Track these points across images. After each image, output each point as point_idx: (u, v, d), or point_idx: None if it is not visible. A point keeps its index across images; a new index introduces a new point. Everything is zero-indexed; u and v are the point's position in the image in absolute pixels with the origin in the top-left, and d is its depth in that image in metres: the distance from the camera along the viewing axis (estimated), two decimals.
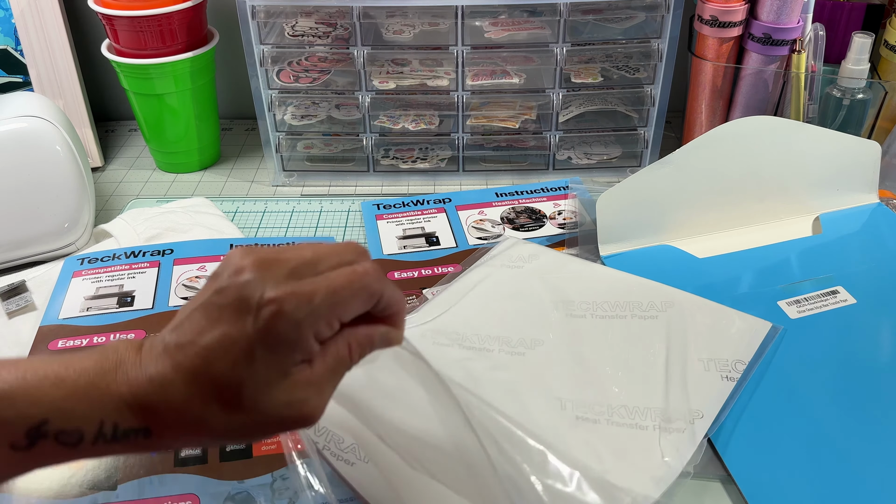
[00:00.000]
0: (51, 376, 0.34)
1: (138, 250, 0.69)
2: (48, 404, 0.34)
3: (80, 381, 0.34)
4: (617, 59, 0.80)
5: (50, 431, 0.34)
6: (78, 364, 0.35)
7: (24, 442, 0.34)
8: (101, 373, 0.35)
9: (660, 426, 0.51)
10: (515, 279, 0.64)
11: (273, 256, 0.37)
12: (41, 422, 0.34)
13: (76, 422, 0.34)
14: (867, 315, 0.62)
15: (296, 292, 0.35)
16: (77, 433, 0.34)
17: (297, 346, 0.35)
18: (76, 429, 0.34)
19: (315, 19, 0.78)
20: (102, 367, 0.35)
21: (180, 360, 0.35)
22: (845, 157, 0.72)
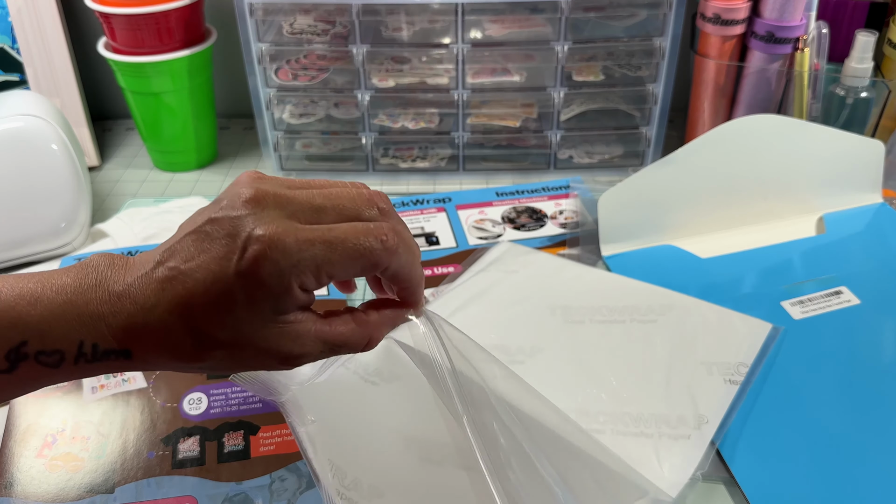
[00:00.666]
0: (26, 295, 0.33)
1: (135, 250, 0.68)
2: (24, 325, 0.33)
3: (58, 300, 0.33)
4: (619, 57, 0.79)
5: (30, 353, 0.33)
6: (56, 281, 0.34)
7: (6, 364, 0.33)
8: (79, 290, 0.34)
9: (665, 433, 0.50)
10: (511, 285, 0.63)
11: (279, 192, 0.35)
12: (20, 343, 0.33)
13: (55, 342, 0.33)
14: (871, 315, 0.61)
15: (285, 237, 0.33)
16: (57, 354, 0.33)
17: (278, 296, 0.34)
18: (56, 349, 0.33)
19: (314, 17, 0.78)
20: (81, 285, 0.34)
21: (164, 287, 0.34)
22: (849, 156, 0.72)
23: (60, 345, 0.33)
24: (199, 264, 0.33)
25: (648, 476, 0.47)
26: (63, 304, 0.33)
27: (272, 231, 0.33)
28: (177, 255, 0.34)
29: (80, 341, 0.33)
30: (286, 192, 0.35)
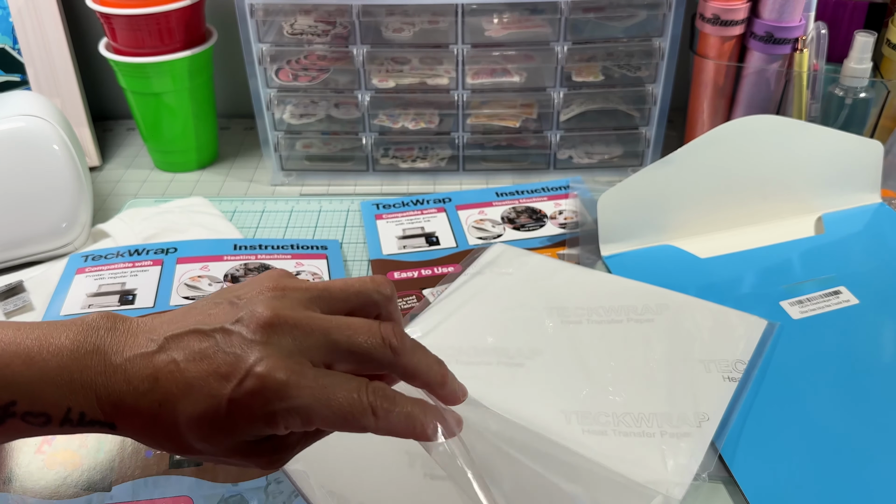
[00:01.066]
0: (23, 354, 0.34)
1: (142, 248, 0.69)
2: (16, 386, 0.33)
3: (52, 363, 0.34)
4: (618, 58, 0.79)
5: (18, 412, 0.33)
6: (54, 341, 0.34)
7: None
8: (76, 355, 0.34)
9: (667, 432, 0.50)
10: (507, 287, 0.64)
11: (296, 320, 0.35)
12: (9, 403, 0.33)
13: (44, 406, 0.33)
14: (870, 315, 0.61)
15: (287, 382, 0.33)
16: (44, 416, 0.34)
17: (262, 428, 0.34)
18: (43, 412, 0.34)
19: (314, 17, 0.78)
20: (79, 349, 0.34)
21: (159, 378, 0.34)
22: (848, 156, 0.72)
23: (48, 409, 0.34)
24: (198, 372, 0.34)
25: (654, 476, 0.48)
26: (57, 367, 0.34)
27: (275, 372, 0.33)
28: (180, 349, 0.34)
29: (68, 407, 0.34)
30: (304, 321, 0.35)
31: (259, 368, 0.33)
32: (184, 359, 0.34)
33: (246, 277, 0.66)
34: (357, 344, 0.35)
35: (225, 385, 0.33)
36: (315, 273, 0.67)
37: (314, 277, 0.66)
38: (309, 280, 0.38)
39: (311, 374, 0.34)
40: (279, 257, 0.68)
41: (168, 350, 0.34)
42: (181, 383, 0.34)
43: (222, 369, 0.34)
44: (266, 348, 0.34)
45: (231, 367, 0.33)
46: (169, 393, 0.34)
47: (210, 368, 0.34)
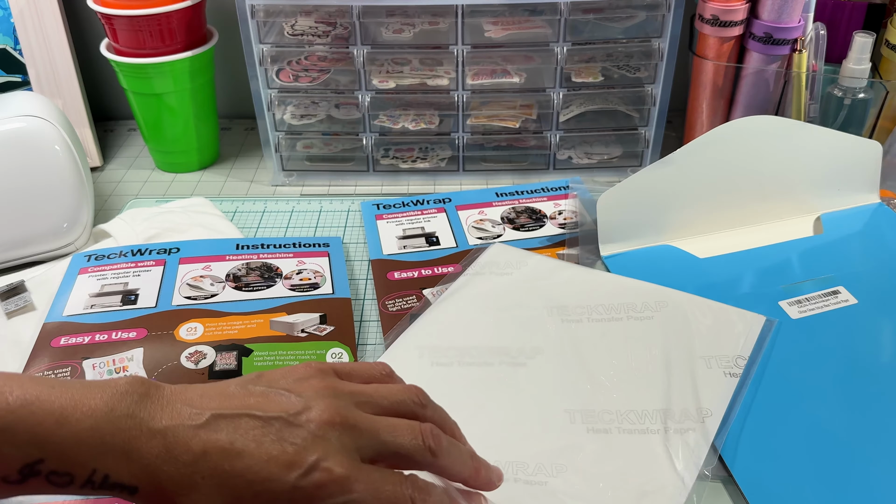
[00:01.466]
0: (56, 413, 0.34)
1: (144, 248, 0.69)
2: (47, 445, 0.34)
3: (84, 424, 0.34)
4: (618, 59, 0.80)
5: (43, 471, 0.34)
6: (87, 403, 0.35)
7: (17, 477, 0.34)
8: (109, 418, 0.35)
9: (671, 428, 0.51)
10: (507, 287, 0.64)
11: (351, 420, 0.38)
12: (37, 461, 0.34)
13: (70, 466, 0.34)
14: (869, 315, 0.61)
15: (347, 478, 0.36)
16: (67, 476, 0.34)
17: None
18: (67, 472, 0.34)
19: (314, 18, 0.78)
20: (111, 412, 0.35)
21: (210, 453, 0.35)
22: (846, 156, 0.72)
23: (74, 469, 0.34)
24: (259, 456, 0.35)
25: (661, 472, 0.48)
26: (89, 429, 0.34)
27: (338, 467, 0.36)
28: (233, 429, 0.36)
29: (93, 469, 0.34)
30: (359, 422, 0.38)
31: (325, 463, 0.36)
32: (240, 439, 0.36)
33: (248, 277, 0.66)
34: (401, 445, 0.39)
35: (289, 473, 0.35)
36: (317, 271, 0.67)
37: (316, 275, 0.66)
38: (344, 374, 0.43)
39: (364, 470, 0.37)
40: (281, 256, 0.69)
41: (218, 428, 0.36)
42: (237, 464, 0.35)
43: (285, 458, 0.36)
44: (329, 445, 0.37)
45: (296, 457, 0.36)
46: (218, 469, 0.35)
47: (271, 455, 0.35)
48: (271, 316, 0.62)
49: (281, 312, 0.62)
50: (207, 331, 0.60)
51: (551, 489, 0.47)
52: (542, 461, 0.49)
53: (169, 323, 0.61)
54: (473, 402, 0.53)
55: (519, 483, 0.47)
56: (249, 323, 0.61)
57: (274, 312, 0.62)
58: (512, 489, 0.47)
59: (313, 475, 0.36)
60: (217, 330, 0.60)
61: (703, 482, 0.48)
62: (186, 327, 0.61)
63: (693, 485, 0.47)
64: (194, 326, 0.61)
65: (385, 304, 0.64)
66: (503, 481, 0.45)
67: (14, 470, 0.34)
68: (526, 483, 0.47)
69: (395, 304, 0.64)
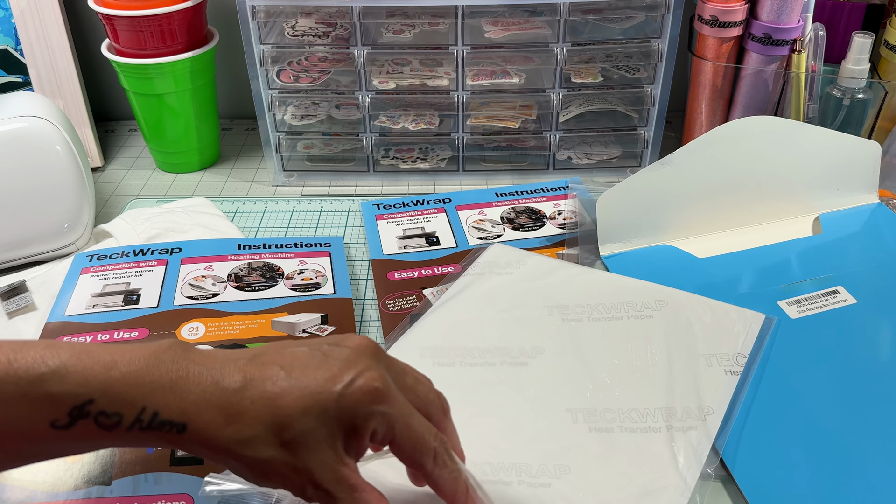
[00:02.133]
0: (105, 360, 0.35)
1: (147, 248, 0.69)
2: (97, 385, 0.34)
3: (134, 366, 0.35)
4: (617, 59, 0.80)
5: (92, 411, 0.34)
6: (131, 353, 0.36)
7: (66, 420, 0.34)
8: (156, 362, 0.36)
9: (673, 426, 0.51)
10: (507, 287, 0.64)
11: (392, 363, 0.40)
12: (87, 401, 0.34)
13: (119, 405, 0.35)
14: (867, 315, 0.62)
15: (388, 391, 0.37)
16: (117, 416, 0.35)
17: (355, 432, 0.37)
18: (116, 412, 0.35)
19: (315, 19, 0.78)
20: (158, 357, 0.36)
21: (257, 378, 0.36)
22: (845, 156, 0.72)
23: (123, 408, 0.35)
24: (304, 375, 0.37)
25: (664, 471, 0.48)
26: (138, 370, 0.35)
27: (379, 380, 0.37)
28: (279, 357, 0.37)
29: (142, 407, 0.35)
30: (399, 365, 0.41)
31: (368, 373, 0.37)
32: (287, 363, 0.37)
33: (250, 277, 0.66)
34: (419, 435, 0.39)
35: (335, 384, 0.37)
36: (319, 270, 0.67)
37: (318, 275, 0.67)
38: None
39: (401, 397, 0.38)
40: (283, 256, 0.69)
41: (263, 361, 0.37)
42: (284, 384, 0.36)
43: (330, 372, 0.37)
44: (370, 361, 0.38)
45: (339, 370, 0.37)
46: (266, 391, 0.36)
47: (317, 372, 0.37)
48: (273, 316, 0.62)
49: (282, 312, 0.63)
50: (209, 331, 0.60)
51: (555, 492, 0.47)
52: (546, 462, 0.49)
53: (171, 323, 0.61)
54: (476, 402, 0.54)
55: (523, 486, 0.47)
56: (251, 323, 0.61)
57: (275, 312, 0.63)
58: (517, 492, 0.47)
59: (357, 382, 0.37)
60: (219, 330, 0.61)
61: (706, 481, 0.48)
62: (188, 327, 0.61)
63: (696, 484, 0.48)
64: (196, 326, 0.61)
65: (385, 303, 0.65)
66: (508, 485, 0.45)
67: (64, 412, 0.34)
68: (530, 486, 0.47)
69: (395, 303, 0.65)
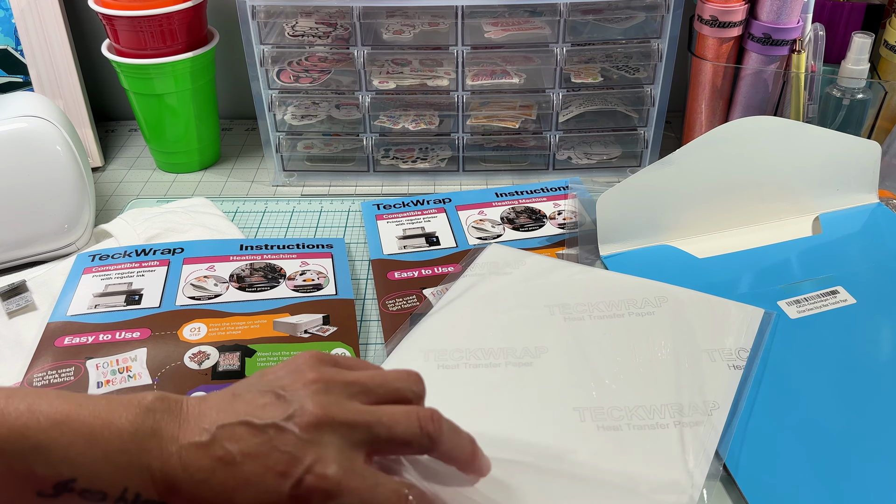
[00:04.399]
0: (86, 434, 0.36)
1: (149, 248, 0.69)
2: (79, 465, 0.35)
3: (114, 444, 0.36)
4: (617, 59, 0.80)
5: (76, 488, 0.35)
6: (114, 422, 0.36)
7: (51, 492, 0.35)
8: (135, 437, 0.36)
9: (680, 422, 0.51)
10: (507, 287, 0.64)
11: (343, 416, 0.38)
12: (69, 479, 0.35)
13: (102, 484, 0.35)
14: (867, 315, 0.62)
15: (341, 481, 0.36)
16: (101, 494, 0.36)
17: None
18: (100, 490, 0.35)
19: (315, 19, 0.78)
20: (138, 431, 0.36)
21: (216, 469, 0.36)
22: (845, 157, 0.73)
23: (106, 487, 0.35)
24: (255, 468, 0.36)
25: (674, 468, 0.48)
26: (118, 449, 0.36)
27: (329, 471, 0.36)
28: (233, 441, 0.37)
29: (124, 487, 0.36)
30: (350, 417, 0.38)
31: (317, 468, 0.36)
32: (239, 452, 0.36)
33: (251, 277, 0.66)
34: (397, 435, 0.39)
35: (283, 483, 0.36)
36: (321, 272, 0.67)
37: (319, 277, 0.67)
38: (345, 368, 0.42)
39: (360, 473, 0.37)
40: (285, 257, 0.69)
41: (221, 441, 0.37)
42: (238, 477, 0.36)
43: (279, 467, 0.36)
44: (319, 448, 0.37)
45: (288, 465, 0.36)
46: (226, 485, 0.36)
47: (266, 466, 0.36)
48: (275, 316, 0.62)
49: (284, 313, 0.63)
50: (211, 331, 0.61)
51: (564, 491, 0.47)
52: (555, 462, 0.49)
53: (172, 323, 0.61)
54: (482, 403, 0.54)
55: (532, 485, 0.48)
56: (253, 323, 0.61)
57: (277, 313, 0.63)
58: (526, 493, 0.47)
59: (305, 482, 0.36)
60: (220, 330, 0.61)
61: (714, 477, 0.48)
62: (190, 327, 0.61)
63: (705, 480, 0.48)
64: (198, 327, 0.61)
65: (385, 303, 0.65)
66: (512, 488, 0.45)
67: (48, 486, 0.35)
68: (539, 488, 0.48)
69: (395, 303, 0.65)
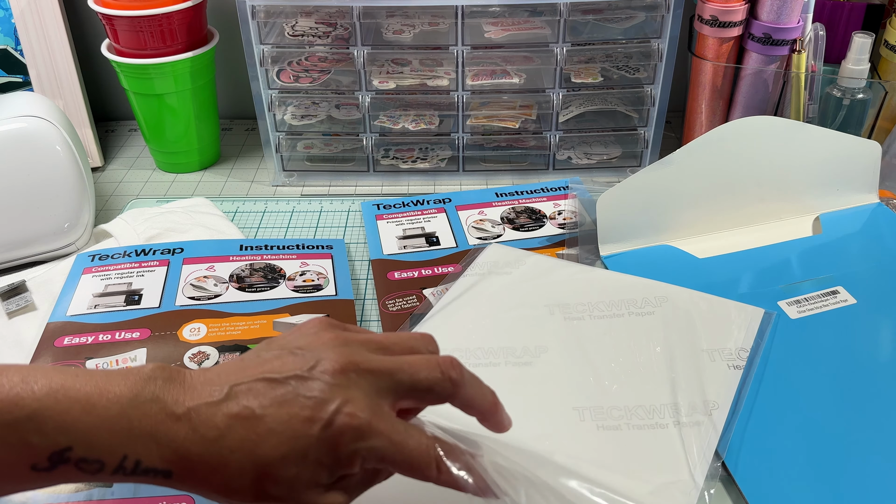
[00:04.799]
0: (82, 400, 0.34)
1: (148, 248, 0.69)
2: (75, 432, 0.34)
3: (112, 410, 0.34)
4: (617, 59, 0.80)
5: (72, 458, 0.34)
6: (112, 389, 0.35)
7: (46, 464, 0.34)
8: (134, 403, 0.35)
9: (680, 422, 0.51)
10: (507, 287, 0.64)
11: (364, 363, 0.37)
12: (65, 448, 0.34)
13: (99, 453, 0.34)
14: (867, 315, 0.62)
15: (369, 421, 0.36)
16: (98, 463, 0.34)
17: (342, 468, 0.36)
18: (98, 459, 0.34)
19: (315, 19, 0.78)
20: (137, 397, 0.35)
21: (234, 424, 0.35)
22: (845, 157, 0.72)
23: (103, 455, 0.34)
24: (280, 416, 0.35)
25: (674, 467, 0.48)
26: (116, 415, 0.34)
27: (360, 412, 0.36)
28: (252, 396, 0.35)
29: (123, 455, 0.34)
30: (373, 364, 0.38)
31: (346, 409, 0.36)
32: (259, 405, 0.35)
33: (251, 278, 0.66)
34: (420, 380, 0.38)
35: (311, 426, 0.35)
36: (320, 272, 0.67)
37: (319, 277, 0.67)
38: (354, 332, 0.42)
39: (388, 418, 0.37)
40: (285, 257, 0.69)
41: (237, 398, 0.35)
42: (260, 428, 0.35)
43: (306, 413, 0.35)
44: (347, 391, 0.36)
45: (315, 409, 0.35)
46: (245, 439, 0.35)
47: (292, 412, 0.35)
48: (274, 317, 0.62)
49: (284, 314, 0.63)
50: (211, 331, 0.61)
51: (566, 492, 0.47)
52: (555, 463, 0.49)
53: (172, 323, 0.61)
54: None
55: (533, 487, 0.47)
56: (252, 324, 0.61)
57: (277, 313, 0.63)
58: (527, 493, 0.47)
59: (336, 422, 0.35)
60: (220, 331, 0.61)
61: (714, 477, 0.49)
62: (190, 328, 0.61)
63: (705, 479, 0.48)
64: (198, 327, 0.61)
65: (385, 303, 0.65)
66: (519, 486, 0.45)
67: (43, 457, 0.34)
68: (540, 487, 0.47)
69: (395, 303, 0.65)
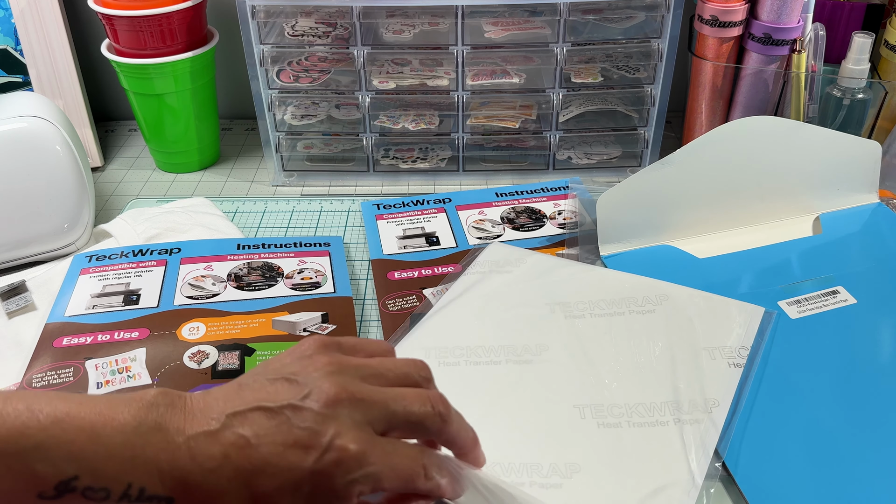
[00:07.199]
0: (87, 429, 0.35)
1: (146, 248, 0.69)
2: (81, 461, 0.34)
3: (116, 439, 0.35)
4: (617, 59, 0.80)
5: (78, 487, 0.34)
6: (116, 417, 0.35)
7: (52, 493, 0.34)
8: (138, 431, 0.35)
9: (680, 419, 0.51)
10: (508, 286, 0.64)
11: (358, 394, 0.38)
12: (72, 477, 0.34)
13: (105, 481, 0.34)
14: (867, 315, 0.62)
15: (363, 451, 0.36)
16: (104, 491, 0.34)
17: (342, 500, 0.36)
18: (103, 487, 0.34)
19: (315, 19, 0.78)
20: (141, 425, 0.35)
21: (230, 454, 0.35)
22: (845, 156, 0.72)
23: (109, 483, 0.34)
24: (274, 447, 0.35)
25: (674, 465, 0.48)
26: (121, 444, 0.35)
27: (352, 443, 0.36)
28: (247, 426, 0.36)
29: (128, 483, 0.35)
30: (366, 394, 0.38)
31: (339, 441, 0.36)
32: (254, 435, 0.36)
33: (249, 276, 0.66)
34: (412, 413, 0.39)
35: (305, 458, 0.35)
36: (318, 270, 0.67)
37: (317, 275, 0.67)
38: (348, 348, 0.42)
39: (378, 444, 0.37)
40: (282, 255, 0.69)
41: (233, 427, 0.36)
42: (255, 459, 0.35)
43: (300, 443, 0.36)
44: (339, 422, 0.36)
45: (309, 440, 0.36)
46: (241, 469, 0.35)
47: (286, 443, 0.36)
48: (273, 315, 0.62)
49: (283, 312, 0.63)
50: (210, 330, 0.61)
51: (567, 492, 0.47)
52: (556, 461, 0.49)
53: (171, 323, 0.61)
54: (483, 400, 0.54)
55: (535, 487, 0.47)
56: (251, 322, 0.61)
57: (276, 312, 0.63)
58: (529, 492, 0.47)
59: (329, 454, 0.36)
60: (219, 329, 0.61)
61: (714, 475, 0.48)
62: (189, 327, 0.61)
63: (704, 477, 0.48)
64: (196, 326, 0.61)
65: (385, 303, 0.65)
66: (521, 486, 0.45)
67: (50, 486, 0.34)
68: (541, 487, 0.47)
69: (395, 303, 0.65)
